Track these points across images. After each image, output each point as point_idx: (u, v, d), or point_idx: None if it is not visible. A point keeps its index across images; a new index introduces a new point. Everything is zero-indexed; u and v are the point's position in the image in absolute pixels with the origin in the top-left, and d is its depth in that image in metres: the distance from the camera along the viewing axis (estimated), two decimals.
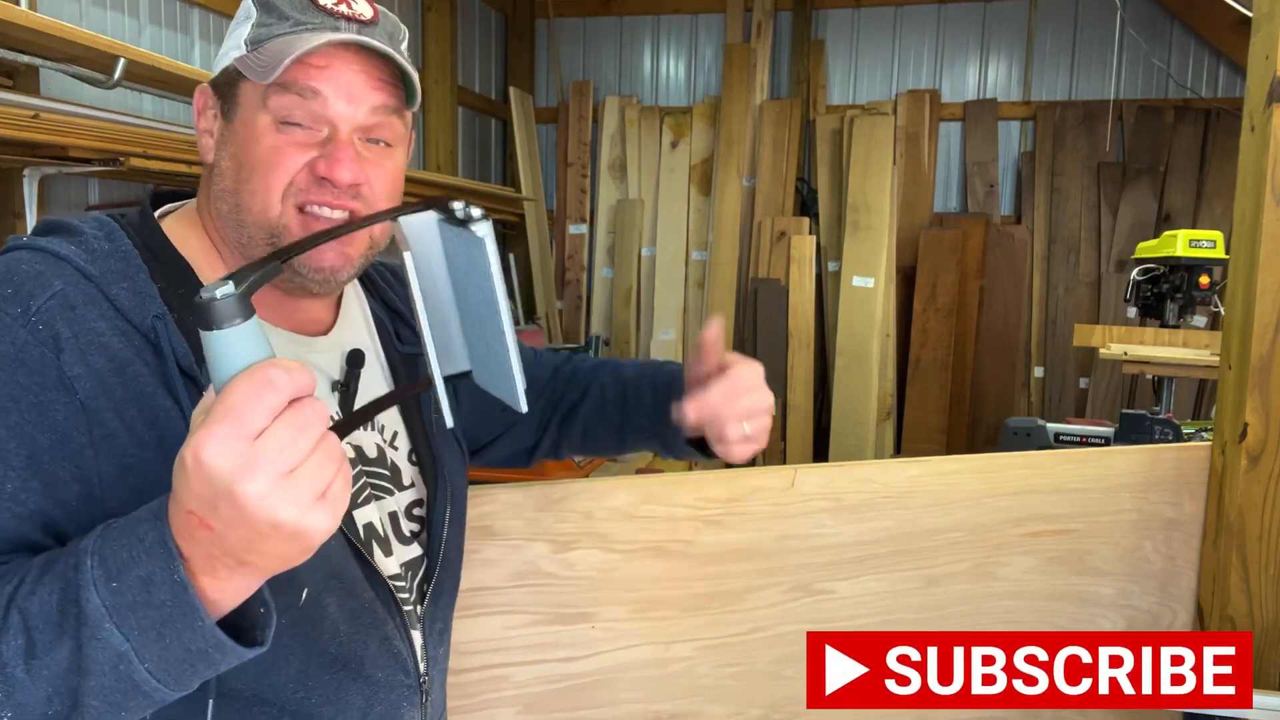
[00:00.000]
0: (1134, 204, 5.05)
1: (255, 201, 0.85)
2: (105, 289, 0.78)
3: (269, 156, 0.84)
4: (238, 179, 0.86)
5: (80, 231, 0.83)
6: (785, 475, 1.41)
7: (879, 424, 4.99)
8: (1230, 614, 1.43)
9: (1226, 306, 1.48)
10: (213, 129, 0.89)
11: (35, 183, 2.53)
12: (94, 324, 0.76)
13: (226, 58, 0.88)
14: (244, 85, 0.86)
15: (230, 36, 0.89)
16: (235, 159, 0.86)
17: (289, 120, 0.84)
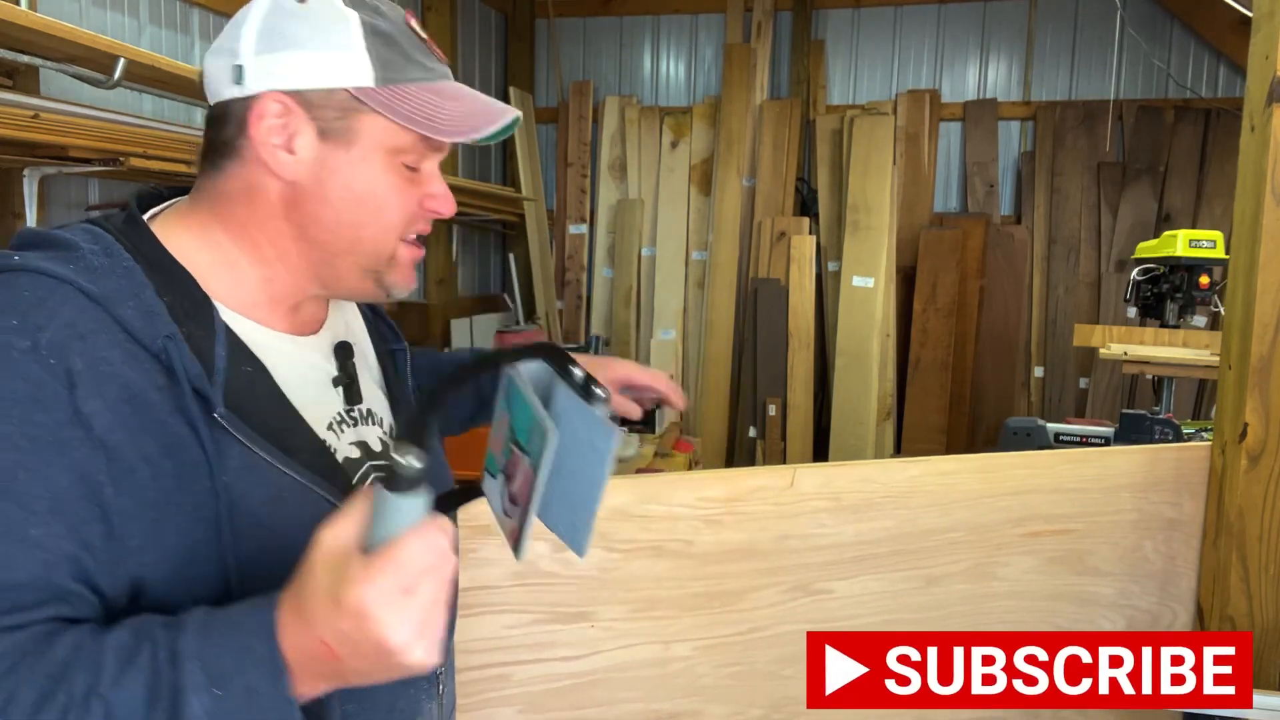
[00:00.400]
0: (1134, 204, 5.05)
1: (373, 236, 0.87)
2: (112, 310, 0.75)
3: (395, 197, 0.87)
4: (342, 209, 0.85)
5: (74, 246, 0.78)
6: (785, 475, 1.41)
7: (879, 424, 4.99)
8: (1230, 614, 1.43)
9: (1226, 306, 1.48)
10: (298, 147, 0.83)
11: (35, 183, 2.53)
12: (105, 352, 0.73)
13: (327, 76, 0.82)
14: (370, 118, 0.84)
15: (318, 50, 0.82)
16: (348, 190, 0.85)
17: (412, 165, 0.87)
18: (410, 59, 0.86)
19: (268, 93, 0.82)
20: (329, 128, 0.84)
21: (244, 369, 0.83)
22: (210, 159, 0.87)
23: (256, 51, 0.83)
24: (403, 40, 0.86)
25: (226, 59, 0.84)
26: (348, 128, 0.84)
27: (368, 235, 0.87)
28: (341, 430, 0.92)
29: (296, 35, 0.83)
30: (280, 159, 0.83)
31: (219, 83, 0.85)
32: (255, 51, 0.83)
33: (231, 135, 0.85)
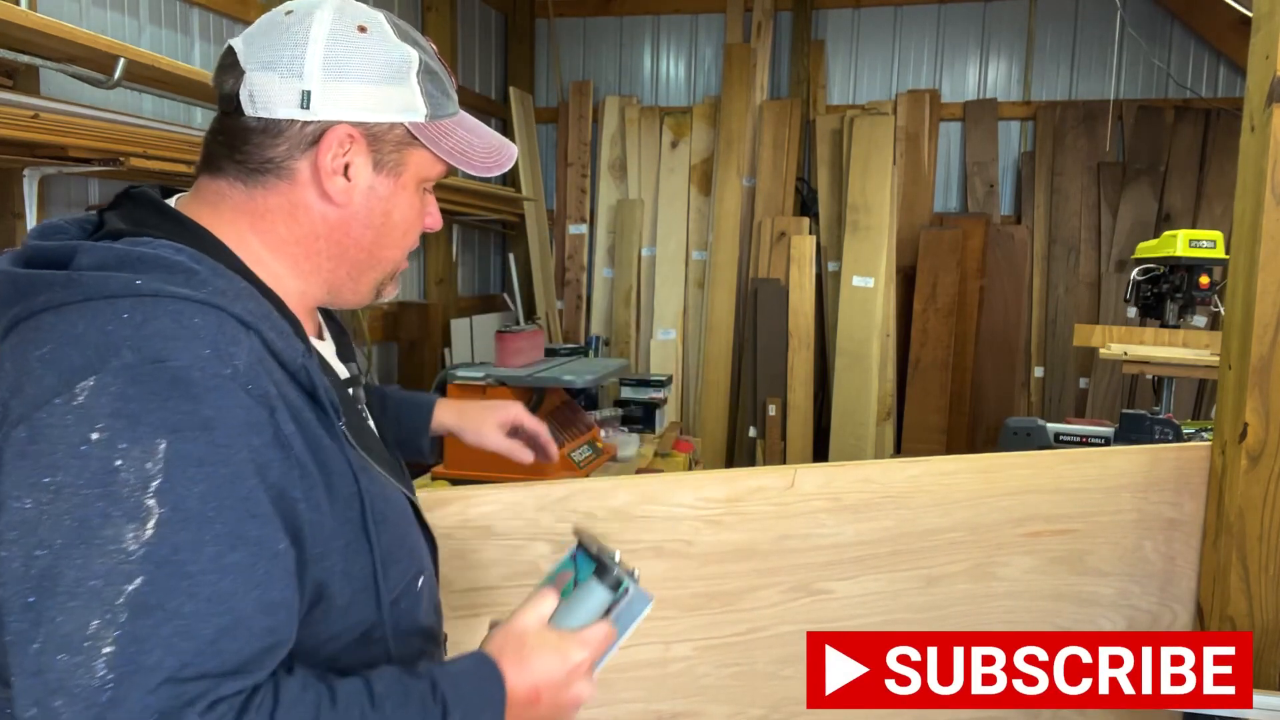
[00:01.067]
0: (1134, 204, 5.05)
1: (394, 256, 0.94)
2: (262, 334, 0.77)
3: (415, 221, 0.94)
4: (380, 233, 0.91)
5: (189, 269, 0.78)
6: (785, 475, 1.41)
7: (879, 424, 4.99)
8: (1230, 614, 1.43)
9: (1226, 306, 1.48)
10: (354, 175, 0.87)
11: (35, 183, 2.53)
12: (276, 375, 0.77)
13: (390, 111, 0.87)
14: (417, 151, 0.90)
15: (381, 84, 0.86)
16: (385, 215, 0.90)
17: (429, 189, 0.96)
18: (447, 95, 0.94)
19: (339, 123, 0.85)
20: (383, 160, 0.89)
21: (327, 380, 0.87)
22: (244, 170, 0.87)
23: (324, 78, 0.84)
24: (442, 76, 0.94)
25: (289, 79, 0.84)
26: (399, 160, 0.90)
27: (391, 255, 0.94)
28: (370, 426, 0.98)
29: (363, 67, 0.86)
30: (338, 185, 0.87)
31: (274, 100, 0.84)
32: (323, 78, 0.84)
33: (284, 155, 0.86)
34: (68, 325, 0.72)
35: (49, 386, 0.69)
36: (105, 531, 0.65)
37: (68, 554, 0.64)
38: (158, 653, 0.64)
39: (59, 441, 0.67)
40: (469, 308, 5.34)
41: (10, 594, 0.65)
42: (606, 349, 5.56)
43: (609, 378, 3.99)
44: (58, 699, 0.62)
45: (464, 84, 5.26)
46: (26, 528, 0.65)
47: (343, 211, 0.88)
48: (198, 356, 0.71)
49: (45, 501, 0.65)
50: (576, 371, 3.80)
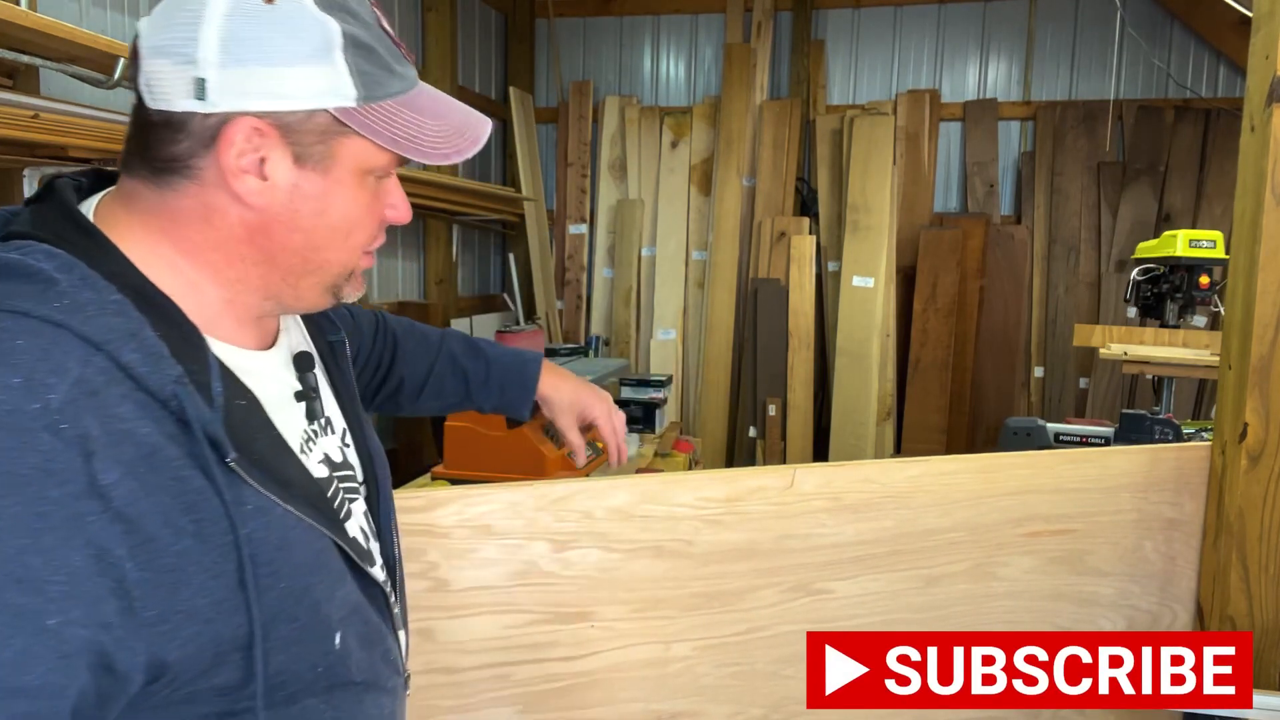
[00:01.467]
0: (1134, 204, 5.05)
1: (340, 259, 0.83)
2: (115, 356, 0.67)
3: (366, 218, 0.82)
4: (313, 234, 0.79)
5: (47, 278, 0.68)
6: (785, 475, 1.41)
7: (879, 424, 4.99)
8: (1230, 614, 1.43)
9: (1226, 306, 1.48)
10: (271, 173, 0.76)
11: (35, 183, 2.53)
12: (117, 408, 0.66)
13: (306, 97, 0.75)
14: (351, 140, 0.78)
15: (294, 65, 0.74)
16: (318, 216, 0.79)
17: (380, 177, 0.82)
18: (390, 70, 0.79)
19: (240, 116, 0.73)
20: (306, 153, 0.76)
21: (239, 403, 0.77)
22: (151, 169, 0.77)
23: (221, 63, 0.72)
24: (380, 48, 0.79)
25: (182, 66, 0.72)
26: (327, 152, 0.77)
27: (333, 258, 0.82)
28: (309, 448, 0.87)
29: (269, 46, 0.73)
30: (249, 186, 0.75)
31: (170, 90, 0.73)
32: (220, 63, 0.72)
33: (186, 153, 0.75)
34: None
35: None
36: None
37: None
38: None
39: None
40: (469, 308, 5.34)
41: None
42: (606, 349, 5.56)
43: (609, 378, 3.99)
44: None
45: (464, 84, 5.27)
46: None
47: (262, 214, 0.77)
48: (4, 386, 0.62)
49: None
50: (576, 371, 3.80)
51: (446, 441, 2.50)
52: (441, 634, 1.33)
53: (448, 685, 1.34)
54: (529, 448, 2.38)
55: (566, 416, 1.32)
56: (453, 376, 1.29)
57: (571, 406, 1.32)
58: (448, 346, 1.30)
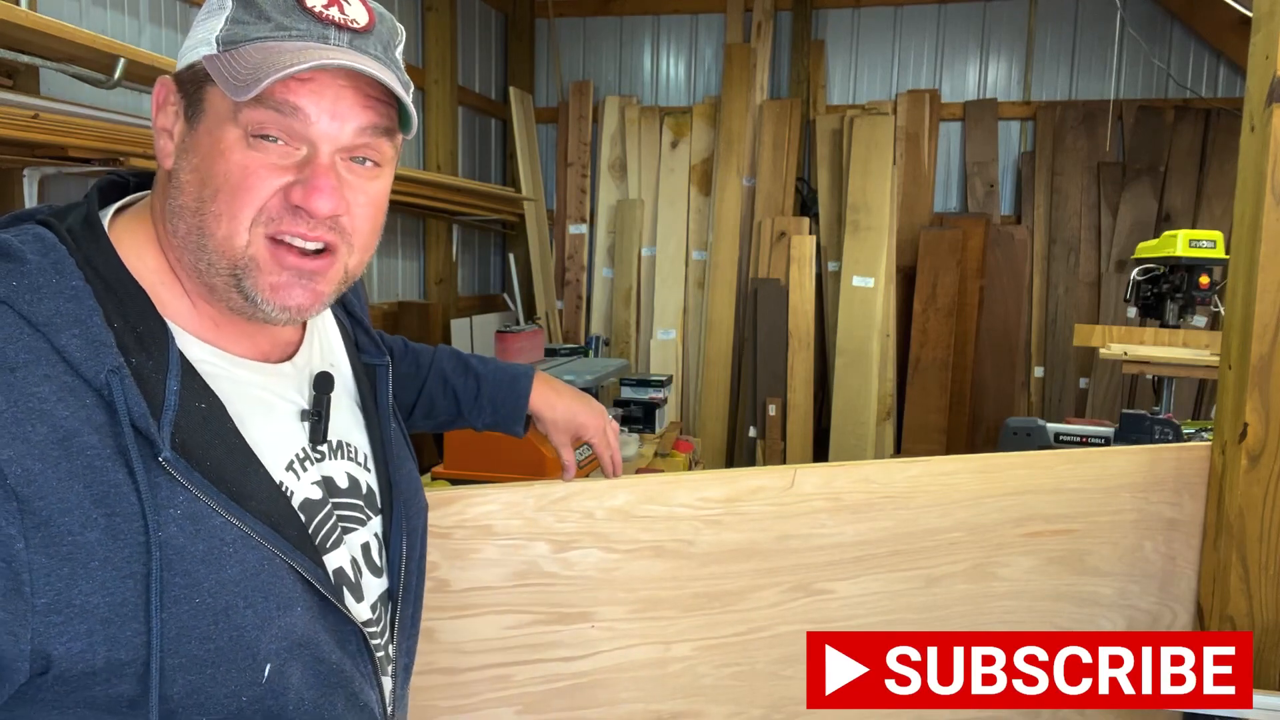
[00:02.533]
0: (1134, 204, 5.05)
1: (220, 226, 0.75)
2: (52, 338, 0.67)
3: (238, 177, 0.75)
4: (200, 196, 0.75)
5: (20, 258, 0.69)
6: (785, 475, 1.41)
7: (879, 424, 4.99)
8: (1230, 614, 1.43)
9: (1226, 306, 1.48)
10: (172, 129, 0.78)
11: (35, 183, 2.53)
12: (36, 388, 0.65)
13: (194, 52, 0.76)
14: (212, 89, 0.75)
15: (200, 26, 0.77)
16: (197, 172, 0.75)
17: (262, 134, 0.74)
18: (265, 18, 0.75)
19: (160, 79, 0.79)
20: (193, 108, 0.77)
21: (198, 405, 0.75)
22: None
23: (184, 42, 0.80)
24: (266, 3, 0.76)
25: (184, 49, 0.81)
26: (198, 105, 0.76)
27: (210, 218, 0.75)
28: (304, 469, 0.84)
29: (198, 16, 0.79)
30: (160, 146, 0.79)
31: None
32: (184, 41, 0.80)
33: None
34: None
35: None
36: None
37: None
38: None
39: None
40: (469, 308, 5.34)
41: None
42: (606, 349, 5.56)
43: (609, 378, 3.99)
44: None
45: (464, 84, 5.27)
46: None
47: (171, 177, 0.78)
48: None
49: None
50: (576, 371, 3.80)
51: (447, 442, 2.51)
52: (441, 634, 1.33)
53: (448, 685, 1.34)
54: (529, 448, 2.39)
55: (560, 434, 1.31)
56: (443, 396, 1.27)
57: (566, 425, 1.30)
58: (438, 365, 1.27)
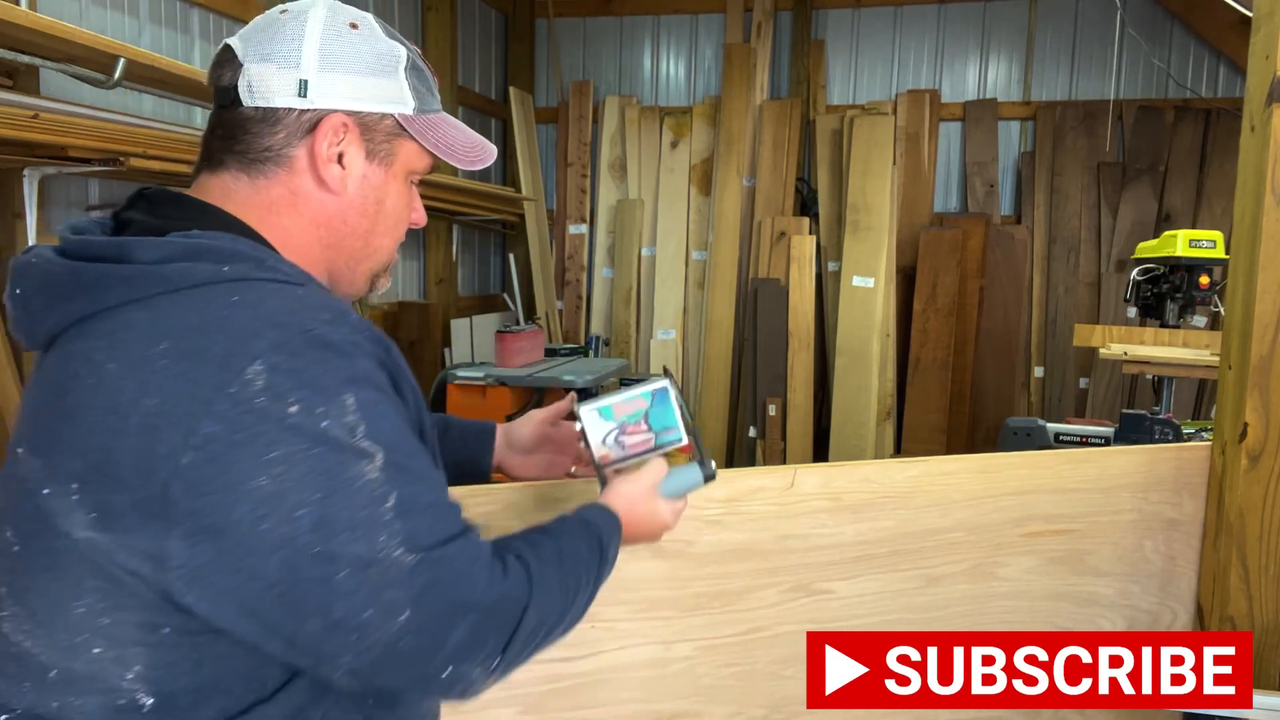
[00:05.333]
0: (1134, 204, 5.05)
1: (387, 245, 0.98)
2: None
3: (404, 211, 0.98)
4: (375, 222, 0.95)
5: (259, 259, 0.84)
6: (785, 475, 1.41)
7: (879, 424, 4.99)
8: (1230, 614, 1.43)
9: (1226, 306, 1.48)
10: (349, 162, 0.91)
11: (35, 183, 2.53)
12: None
13: (381, 102, 0.91)
14: (406, 142, 0.95)
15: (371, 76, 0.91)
16: (378, 204, 0.95)
17: (415, 183, 0.99)
18: (432, 92, 0.98)
19: (333, 112, 0.89)
20: (375, 149, 0.93)
21: None
22: (245, 160, 0.90)
23: (320, 68, 0.89)
24: (427, 74, 0.98)
25: (286, 69, 0.88)
26: (390, 150, 0.94)
27: (384, 244, 0.98)
28: None
29: (356, 59, 0.90)
30: (334, 172, 0.90)
31: (273, 89, 0.88)
32: (319, 68, 0.88)
33: (282, 143, 0.89)
34: (177, 318, 0.76)
35: (210, 378, 0.73)
36: (347, 474, 0.75)
37: (329, 501, 0.74)
38: (428, 533, 0.78)
39: (262, 422, 0.73)
40: (469, 308, 5.34)
41: (290, 554, 0.73)
42: (606, 349, 5.56)
43: (609, 378, 3.99)
44: (387, 591, 0.75)
45: (464, 84, 5.27)
46: (273, 500, 0.73)
47: (339, 200, 0.92)
48: (325, 321, 0.79)
49: (279, 473, 0.73)
50: (576, 371, 3.80)
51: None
52: None
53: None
54: None
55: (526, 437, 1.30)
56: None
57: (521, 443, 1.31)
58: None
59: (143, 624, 0.76)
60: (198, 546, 0.73)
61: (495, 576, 0.82)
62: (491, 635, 0.81)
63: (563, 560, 0.92)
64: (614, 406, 1.11)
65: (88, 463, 0.75)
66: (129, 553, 0.75)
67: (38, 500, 0.77)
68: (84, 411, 0.76)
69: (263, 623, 0.75)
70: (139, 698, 0.77)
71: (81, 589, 0.76)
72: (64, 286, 0.80)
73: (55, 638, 0.78)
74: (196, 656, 0.77)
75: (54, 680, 0.77)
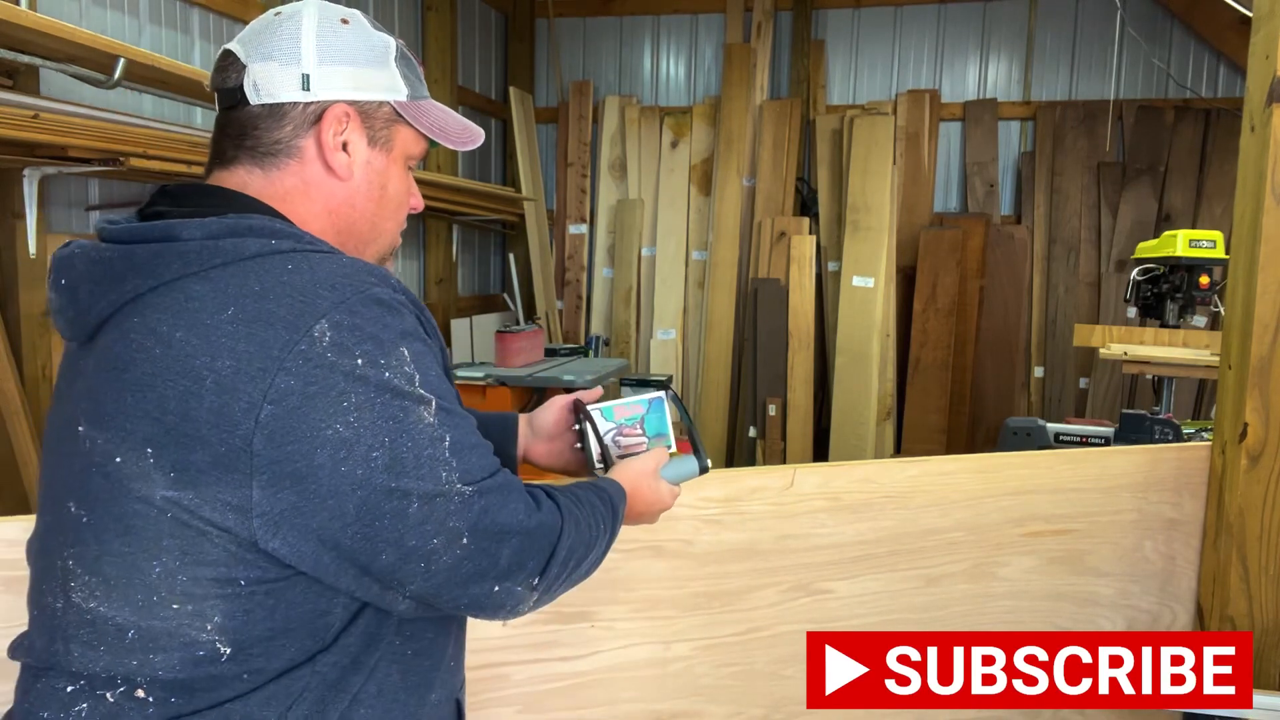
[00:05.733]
0: (1134, 204, 5.05)
1: (390, 229, 1.03)
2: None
3: (405, 196, 1.03)
4: (380, 205, 1.00)
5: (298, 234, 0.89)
6: (784, 475, 1.41)
7: (879, 424, 4.99)
8: (1230, 614, 1.43)
9: (1226, 306, 1.48)
10: (353, 149, 0.96)
11: (35, 183, 2.53)
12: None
13: (377, 91, 0.97)
14: (403, 128, 0.99)
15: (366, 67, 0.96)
16: (382, 189, 1.00)
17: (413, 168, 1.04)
18: (420, 80, 1.03)
19: (335, 102, 0.94)
20: (375, 135, 0.98)
21: None
22: (256, 155, 0.94)
23: (319, 61, 0.94)
24: (414, 62, 1.02)
25: (289, 65, 0.93)
26: (389, 136, 0.99)
27: (389, 228, 1.03)
28: None
29: (352, 52, 0.96)
30: (340, 159, 0.95)
31: (277, 85, 0.93)
32: (318, 61, 0.94)
33: (290, 135, 0.94)
34: (235, 286, 0.82)
35: (279, 338, 0.80)
36: (410, 419, 0.83)
37: (398, 443, 0.82)
38: (477, 469, 0.87)
39: (332, 374, 0.80)
40: (469, 308, 5.34)
41: (367, 493, 0.81)
42: (606, 349, 5.56)
43: (609, 378, 3.99)
44: (450, 520, 0.84)
45: (464, 84, 5.27)
46: (349, 444, 0.81)
47: (347, 185, 0.97)
48: (374, 282, 0.86)
49: (353, 420, 0.81)
50: (576, 371, 3.80)
51: None
52: None
53: None
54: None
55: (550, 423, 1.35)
56: None
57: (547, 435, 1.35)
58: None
59: (218, 578, 0.82)
60: (281, 492, 0.80)
61: (531, 507, 0.92)
62: (532, 557, 0.90)
63: (583, 506, 1.00)
64: (615, 409, 1.21)
65: (163, 426, 0.80)
66: (213, 506, 0.80)
67: (108, 469, 0.82)
68: (153, 379, 0.81)
69: (342, 555, 0.83)
70: (219, 647, 0.83)
71: (159, 549, 0.82)
72: (116, 268, 0.85)
73: (132, 598, 0.83)
74: (271, 603, 0.84)
75: (133, 640, 0.83)
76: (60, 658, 0.85)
